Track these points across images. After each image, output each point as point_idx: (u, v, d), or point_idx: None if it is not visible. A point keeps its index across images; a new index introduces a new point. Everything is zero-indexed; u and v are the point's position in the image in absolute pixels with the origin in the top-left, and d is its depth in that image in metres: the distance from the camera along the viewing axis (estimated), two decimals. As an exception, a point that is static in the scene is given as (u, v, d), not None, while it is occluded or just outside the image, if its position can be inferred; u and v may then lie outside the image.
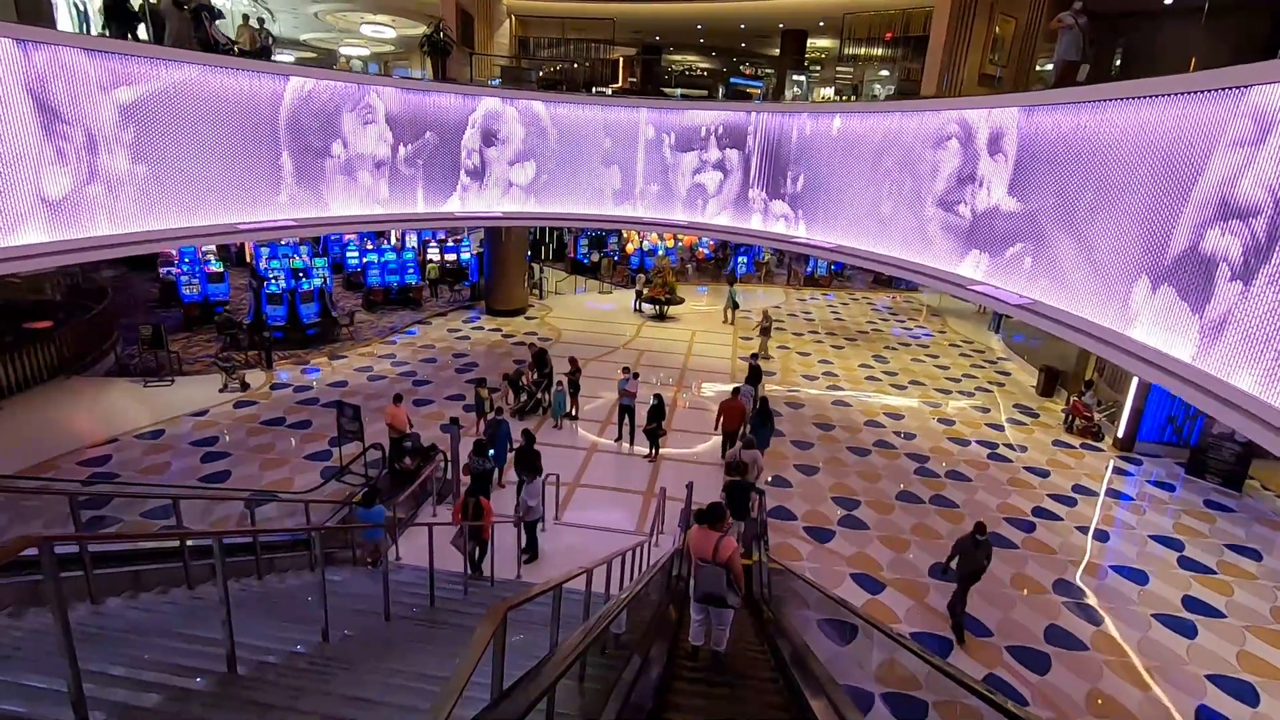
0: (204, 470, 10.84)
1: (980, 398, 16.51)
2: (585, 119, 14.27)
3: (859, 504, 11.01)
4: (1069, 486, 12.15)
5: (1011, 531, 10.48)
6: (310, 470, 10.98)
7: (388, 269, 21.98)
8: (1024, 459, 13.18)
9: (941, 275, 10.27)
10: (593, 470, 11.71)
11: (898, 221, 11.21)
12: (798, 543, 9.81)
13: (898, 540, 10.04)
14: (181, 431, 12.08)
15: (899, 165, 11.14)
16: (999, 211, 9.17)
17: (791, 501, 10.94)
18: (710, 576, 5.07)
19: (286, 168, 11.09)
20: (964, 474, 12.34)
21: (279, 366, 15.64)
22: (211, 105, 9.82)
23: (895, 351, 19.89)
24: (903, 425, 14.40)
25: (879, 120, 11.44)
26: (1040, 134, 8.40)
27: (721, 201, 14.43)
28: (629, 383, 12.40)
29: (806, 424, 14.23)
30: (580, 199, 14.86)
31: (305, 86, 11.06)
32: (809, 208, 13.02)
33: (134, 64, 8.81)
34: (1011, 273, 8.91)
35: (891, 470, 12.30)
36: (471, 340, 18.44)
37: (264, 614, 5.24)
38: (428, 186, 13.29)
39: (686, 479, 10.11)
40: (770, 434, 12.10)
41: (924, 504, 11.17)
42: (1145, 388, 13.38)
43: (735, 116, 13.83)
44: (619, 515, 10.36)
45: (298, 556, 7.06)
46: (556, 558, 9.09)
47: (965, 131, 9.81)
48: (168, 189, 9.47)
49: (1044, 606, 8.73)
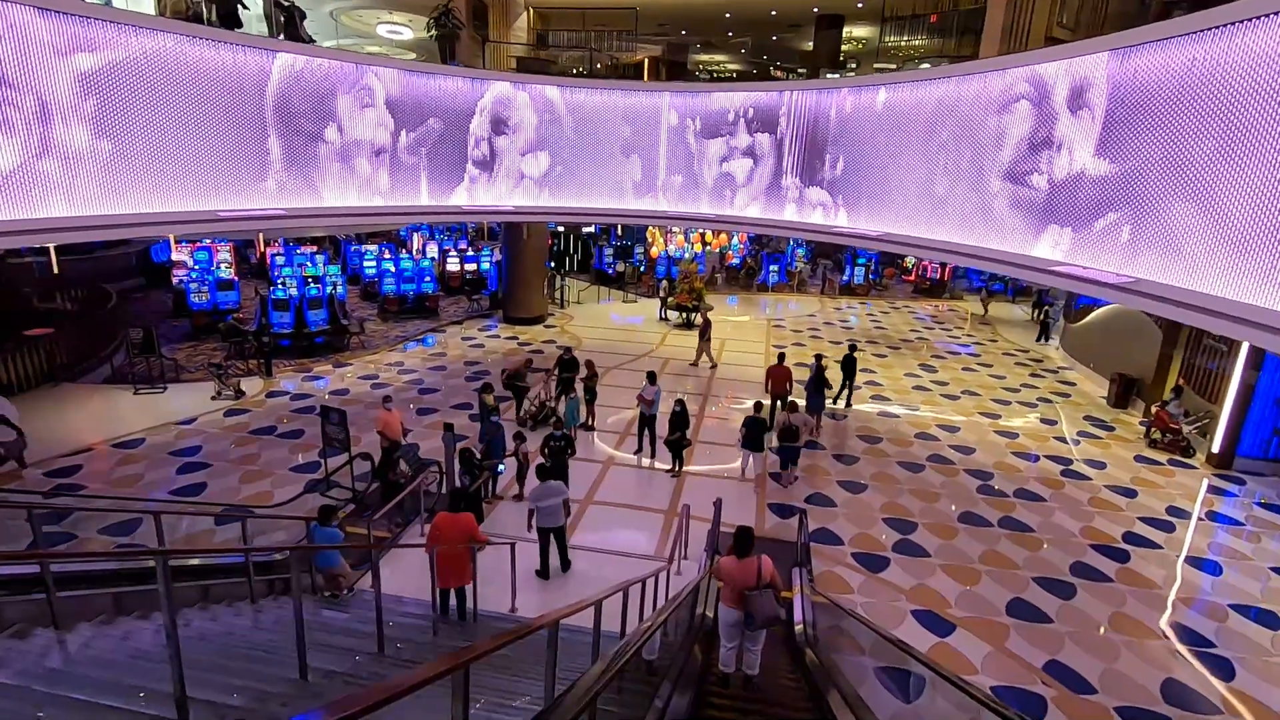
0: (178, 482, 9.81)
1: (1044, 409, 14.79)
2: (603, 105, 13.19)
3: (915, 527, 9.47)
4: (1162, 509, 10.42)
5: (1101, 561, 8.84)
6: (294, 483, 9.88)
7: (403, 277, 21.18)
8: (1104, 476, 11.47)
9: (1011, 259, 8.81)
10: (608, 486, 10.39)
11: (955, 201, 9.79)
12: (846, 572, 8.32)
13: (965, 570, 8.48)
14: (162, 441, 11.13)
15: (955, 137, 9.75)
16: (1084, 178, 7.72)
17: (836, 523, 9.46)
18: (762, 603, 4.98)
19: (274, 152, 10.16)
20: (1036, 493, 10.70)
21: (279, 374, 14.72)
22: (188, 79, 8.92)
23: (944, 360, 18.25)
24: (959, 439, 12.80)
25: (931, 89, 10.08)
26: (1139, 79, 6.97)
27: (752, 191, 13.15)
28: (648, 389, 11.10)
29: (849, 436, 12.72)
30: (598, 192, 13.73)
31: (295, 64, 10.15)
32: (850, 193, 11.67)
33: (96, 28, 7.94)
34: (1104, 248, 7.43)
35: (951, 488, 10.73)
36: (485, 348, 17.37)
37: (152, 662, 4.00)
38: (432, 177, 12.29)
39: (714, 496, 8.74)
40: (823, 401, 12.54)
41: (992, 527, 9.59)
42: (1245, 396, 11.60)
43: (766, 97, 12.59)
44: (637, 537, 9.01)
45: (237, 584, 5.86)
46: (564, 583, 7.78)
47: (1038, 90, 8.40)
48: (136, 169, 8.55)
49: (1156, 656, 7.10)
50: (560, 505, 7.83)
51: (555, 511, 7.79)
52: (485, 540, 6.26)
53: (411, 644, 4.99)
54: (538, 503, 7.68)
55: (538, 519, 7.75)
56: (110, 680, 3.44)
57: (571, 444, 9.84)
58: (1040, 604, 7.86)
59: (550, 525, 7.83)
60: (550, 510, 7.75)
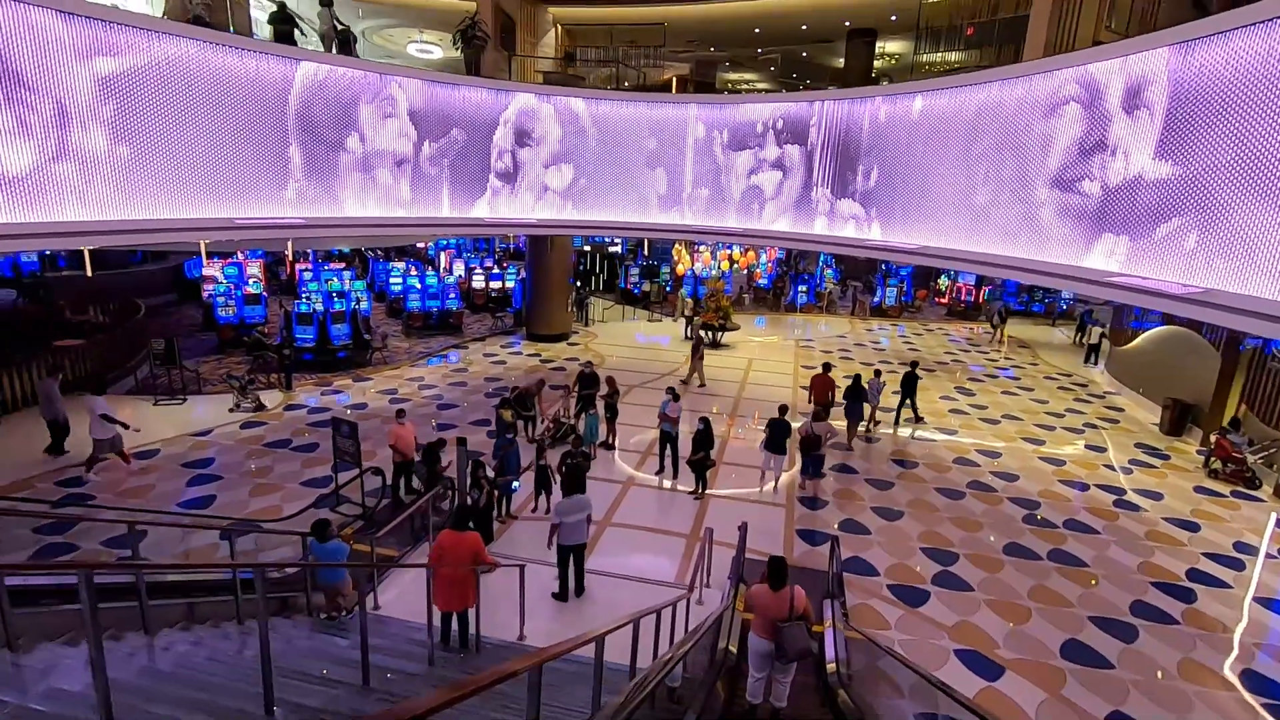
0: (187, 495, 9.58)
1: (1091, 435, 13.95)
2: (628, 117, 12.94)
3: (956, 558, 8.80)
4: (1229, 544, 9.59)
5: (1166, 601, 8.06)
6: (304, 497, 9.58)
7: (428, 294, 21.12)
8: (1161, 508, 10.64)
9: (1059, 271, 8.23)
10: (627, 508, 9.90)
11: (997, 211, 9.26)
12: (883, 606, 7.69)
13: (1014, 607, 7.78)
14: (177, 452, 10.96)
15: (997, 145, 9.25)
16: (1143, 182, 7.15)
17: (871, 552, 8.83)
18: (795, 635, 4.88)
19: (295, 160, 10.05)
20: (1088, 525, 9.93)
21: (299, 388, 14.57)
22: (209, 86, 8.84)
23: (981, 383, 17.46)
24: (1001, 465, 12.06)
25: (971, 94, 9.61)
26: (1205, 74, 6.43)
27: (780, 205, 12.74)
28: (669, 405, 10.64)
29: (883, 460, 12.07)
30: (622, 205, 13.44)
31: (318, 73, 10.08)
32: (884, 205, 11.18)
33: (118, 33, 7.89)
34: (1167, 257, 6.83)
35: (994, 518, 10.02)
36: (507, 365, 17.08)
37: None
38: (454, 188, 12.11)
39: (738, 520, 8.20)
40: (861, 409, 12.51)
41: (1041, 560, 8.86)
42: (1317, 422, 10.73)
43: (796, 108, 12.23)
44: (656, 562, 8.49)
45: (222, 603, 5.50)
46: (579, 609, 7.30)
47: (1089, 91, 7.88)
48: (153, 175, 8.45)
49: (1234, 711, 6.34)
50: (585, 521, 7.44)
51: (579, 528, 7.38)
52: (492, 562, 5.83)
53: (402, 676, 4.55)
54: (563, 518, 7.28)
55: (560, 535, 7.35)
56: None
57: (589, 461, 9.41)
58: (1099, 646, 7.14)
59: (572, 542, 7.41)
60: (574, 526, 7.34)
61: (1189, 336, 14.30)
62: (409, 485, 9.72)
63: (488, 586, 6.81)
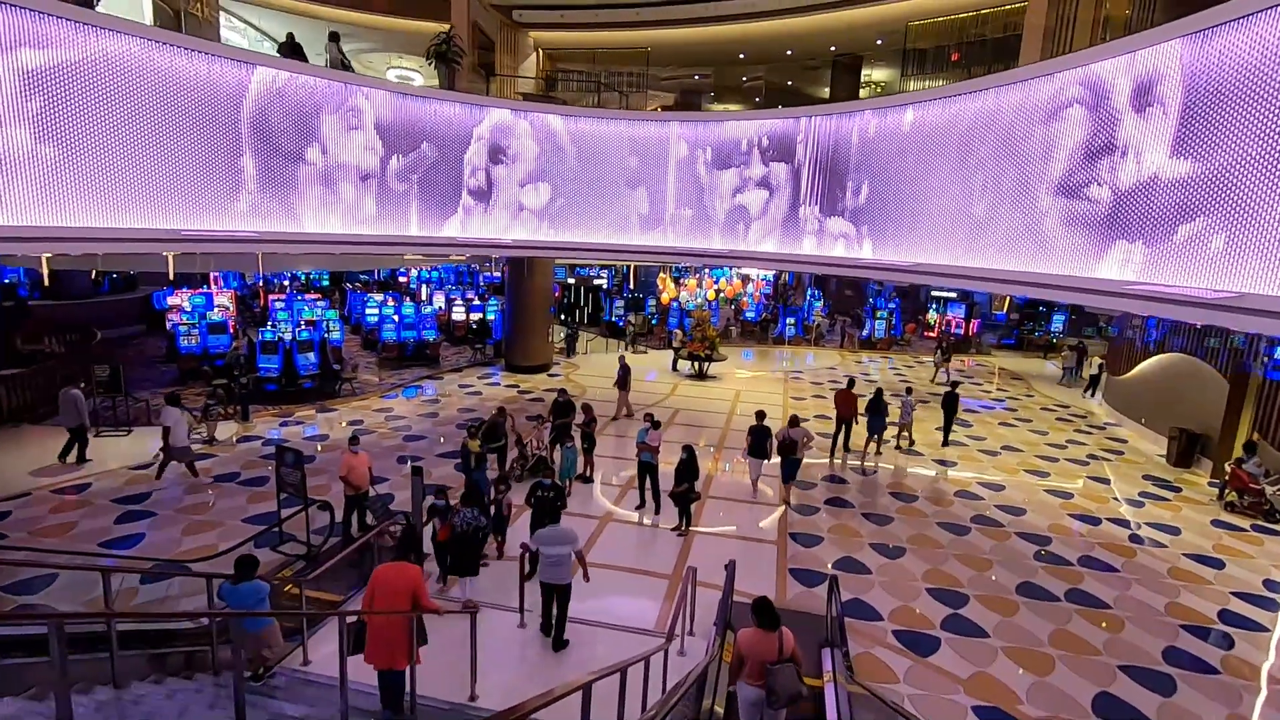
0: (114, 533, 8.60)
1: (1096, 467, 13.24)
2: (608, 134, 12.46)
3: (967, 599, 7.95)
4: (1259, 582, 8.82)
5: (1200, 646, 7.24)
6: (244, 534, 8.61)
7: (404, 324, 20.35)
8: (1180, 544, 9.88)
9: (1068, 283, 7.63)
10: (604, 546, 9.00)
11: (997, 223, 8.71)
12: (888, 655, 6.81)
13: (1034, 656, 6.93)
14: (110, 486, 9.98)
15: (995, 154, 8.76)
16: (1158, 182, 6.61)
17: (872, 594, 7.97)
18: (785, 678, 4.63)
19: (248, 170, 9.38)
20: (1104, 561, 9.14)
21: (258, 419, 13.64)
22: (153, 87, 8.21)
23: (977, 414, 16.80)
24: (1005, 498, 11.29)
25: (966, 104, 9.17)
26: (1225, 62, 5.94)
27: (767, 224, 12.20)
28: (649, 433, 9.85)
29: (880, 493, 11.27)
30: (602, 226, 12.85)
31: (276, 80, 9.50)
32: (875, 222, 10.65)
33: (49, 24, 7.26)
34: (1190, 261, 6.24)
35: (1004, 554, 9.21)
36: (483, 396, 16.24)
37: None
38: (424, 206, 11.48)
39: (725, 558, 7.36)
40: (884, 421, 12.70)
41: (1059, 601, 8.04)
42: (1339, 450, 10.10)
43: (782, 125, 11.79)
44: (634, 606, 7.57)
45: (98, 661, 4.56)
46: (544, 663, 6.37)
47: (1093, 92, 7.41)
48: (84, 179, 7.74)
49: (1298, 776, 5.50)
50: (569, 556, 6.57)
51: (563, 563, 6.51)
52: (433, 607, 4.94)
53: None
54: (543, 548, 6.47)
55: (540, 570, 6.53)
56: None
57: (563, 495, 8.53)
58: (1135, 700, 6.30)
59: (556, 581, 6.54)
60: (558, 562, 6.48)
61: (1191, 363, 13.75)
62: (362, 521, 8.79)
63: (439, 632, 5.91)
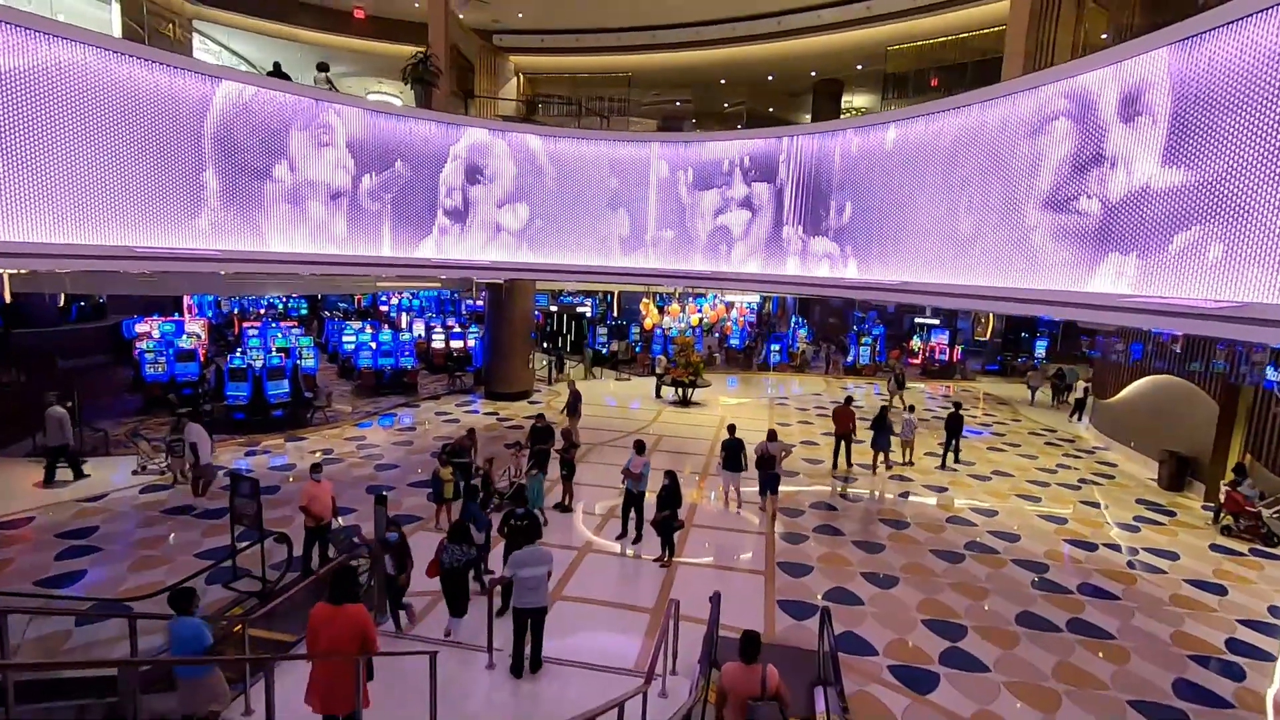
0: (52, 570, 7.98)
1: (1088, 492, 12.96)
2: (587, 155, 12.26)
3: (965, 631, 7.53)
4: (1263, 609, 8.49)
5: (1209, 677, 6.86)
6: (195, 570, 8.01)
7: (381, 351, 19.84)
8: (1180, 569, 9.56)
9: (1059, 299, 7.40)
10: (582, 578, 8.50)
11: (984, 239, 8.52)
12: (884, 692, 6.35)
13: (1039, 691, 6.51)
14: (55, 520, 9.34)
15: (980, 170, 8.61)
16: (1150, 192, 6.43)
17: (865, 626, 7.53)
18: (768, 716, 4.42)
19: (210, 186, 9.00)
20: (1104, 589, 8.78)
21: (223, 447, 13.03)
22: (108, 98, 7.86)
23: (967, 439, 16.52)
24: (998, 524, 10.94)
25: (950, 120, 9.05)
26: (1215, 67, 5.80)
27: (750, 245, 11.98)
28: (635, 460, 9.43)
29: (870, 520, 10.88)
30: (582, 248, 12.57)
31: (242, 94, 9.19)
32: (859, 241, 10.45)
33: (-4, 30, 6.91)
34: (1186, 271, 6.02)
35: (1001, 583, 8.82)
36: (460, 423, 15.73)
37: None
38: (397, 226, 11.13)
39: (710, 590, 6.91)
40: (888, 437, 13.06)
41: (1061, 632, 7.64)
42: (1334, 471, 9.89)
43: (765, 145, 11.65)
44: (613, 642, 7.07)
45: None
46: (512, 706, 5.84)
47: (1079, 104, 7.29)
48: (25, 191, 7.31)
49: (1329, 821, 5.09)
50: (545, 578, 6.22)
51: (539, 586, 6.14)
52: (376, 652, 4.45)
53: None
54: (517, 570, 6.08)
55: (515, 595, 6.12)
56: None
57: (538, 524, 8.05)
58: (1148, 740, 5.89)
59: (531, 605, 6.14)
60: (534, 584, 6.10)
61: (1180, 385, 13.61)
62: (324, 554, 8.25)
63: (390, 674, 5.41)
